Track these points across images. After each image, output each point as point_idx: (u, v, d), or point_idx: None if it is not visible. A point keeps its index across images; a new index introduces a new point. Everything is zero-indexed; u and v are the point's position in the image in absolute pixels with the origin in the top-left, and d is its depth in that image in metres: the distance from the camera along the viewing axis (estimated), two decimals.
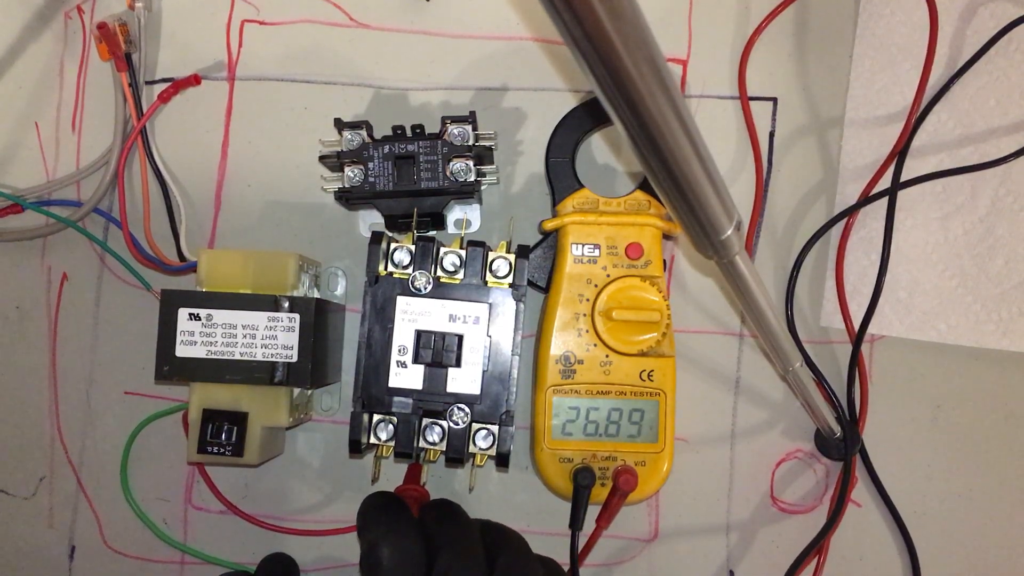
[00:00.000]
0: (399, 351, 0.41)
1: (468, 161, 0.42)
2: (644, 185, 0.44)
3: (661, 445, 0.42)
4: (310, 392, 0.45)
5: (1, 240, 0.47)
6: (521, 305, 0.41)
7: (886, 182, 0.46)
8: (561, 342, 0.43)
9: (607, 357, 0.43)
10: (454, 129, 0.42)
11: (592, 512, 0.42)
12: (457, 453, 0.40)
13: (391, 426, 0.40)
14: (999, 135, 0.46)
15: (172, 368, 0.40)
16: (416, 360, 0.41)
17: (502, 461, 0.40)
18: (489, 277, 0.41)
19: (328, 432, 0.46)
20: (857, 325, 0.45)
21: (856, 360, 0.46)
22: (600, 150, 0.47)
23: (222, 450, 0.40)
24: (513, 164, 0.47)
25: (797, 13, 0.48)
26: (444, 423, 0.40)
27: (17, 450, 0.47)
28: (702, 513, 0.46)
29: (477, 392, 0.41)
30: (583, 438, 0.43)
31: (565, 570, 0.40)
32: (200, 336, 0.40)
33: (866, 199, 0.46)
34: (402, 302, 0.41)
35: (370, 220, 0.47)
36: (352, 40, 0.48)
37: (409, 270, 0.41)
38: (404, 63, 0.47)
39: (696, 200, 0.28)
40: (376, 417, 0.40)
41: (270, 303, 0.40)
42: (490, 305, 0.41)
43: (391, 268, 0.41)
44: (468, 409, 0.40)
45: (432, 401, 0.41)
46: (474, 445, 0.41)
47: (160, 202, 0.46)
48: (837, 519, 0.44)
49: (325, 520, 0.46)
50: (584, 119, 0.45)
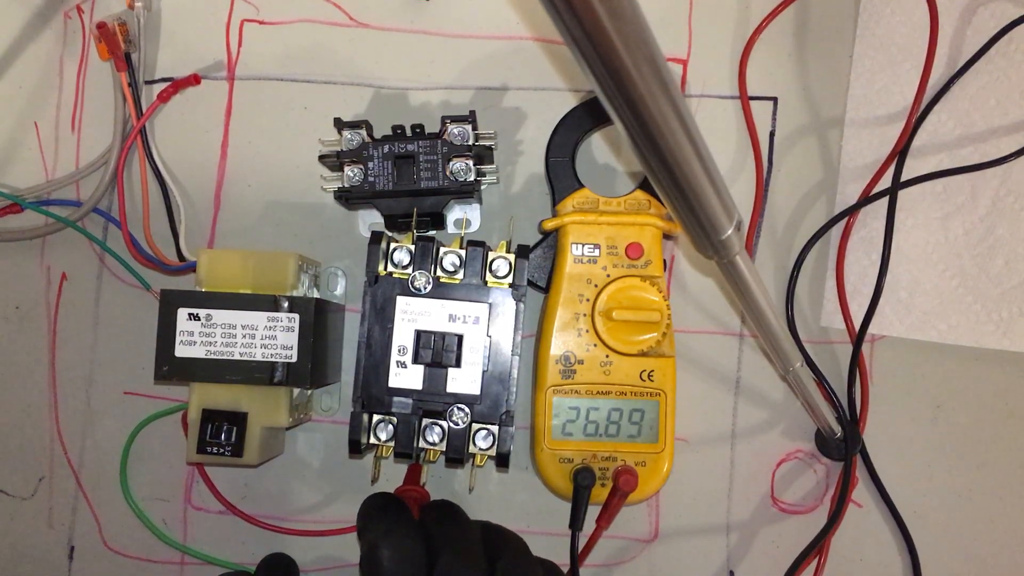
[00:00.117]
0: (399, 351, 0.41)
1: (468, 161, 0.42)
2: (644, 185, 0.44)
3: (661, 445, 0.42)
4: (310, 392, 0.45)
5: (1, 240, 0.47)
6: (521, 305, 0.41)
7: (886, 182, 0.46)
8: (561, 342, 0.43)
9: (607, 357, 0.43)
10: (454, 129, 0.42)
11: (592, 512, 0.42)
12: (457, 453, 0.40)
13: (391, 426, 0.40)
14: (999, 135, 0.46)
15: (172, 368, 0.40)
16: (416, 360, 0.41)
17: (502, 461, 0.40)
18: (489, 277, 0.41)
19: (328, 432, 0.46)
20: (857, 325, 0.45)
21: (856, 360, 0.46)
22: (600, 150, 0.47)
23: (222, 450, 0.40)
24: (513, 164, 0.47)
25: (797, 13, 0.48)
26: (444, 423, 0.40)
27: (17, 450, 0.47)
28: (702, 513, 0.46)
29: (477, 392, 0.41)
30: (583, 438, 0.43)
31: (565, 572, 0.40)
32: (200, 336, 0.40)
33: (866, 199, 0.46)
34: (402, 302, 0.41)
35: (370, 220, 0.47)
36: (352, 40, 0.48)
37: (409, 270, 0.41)
38: (404, 63, 0.47)
39: (696, 200, 0.28)
40: (376, 417, 0.40)
41: (270, 303, 0.40)
42: (490, 305, 0.41)
43: (391, 268, 0.41)
44: (468, 409, 0.40)
45: (432, 401, 0.41)
46: (474, 445, 0.41)
47: (160, 202, 0.46)
48: (837, 519, 0.44)
49: (325, 520, 0.46)
50: (584, 119, 0.44)
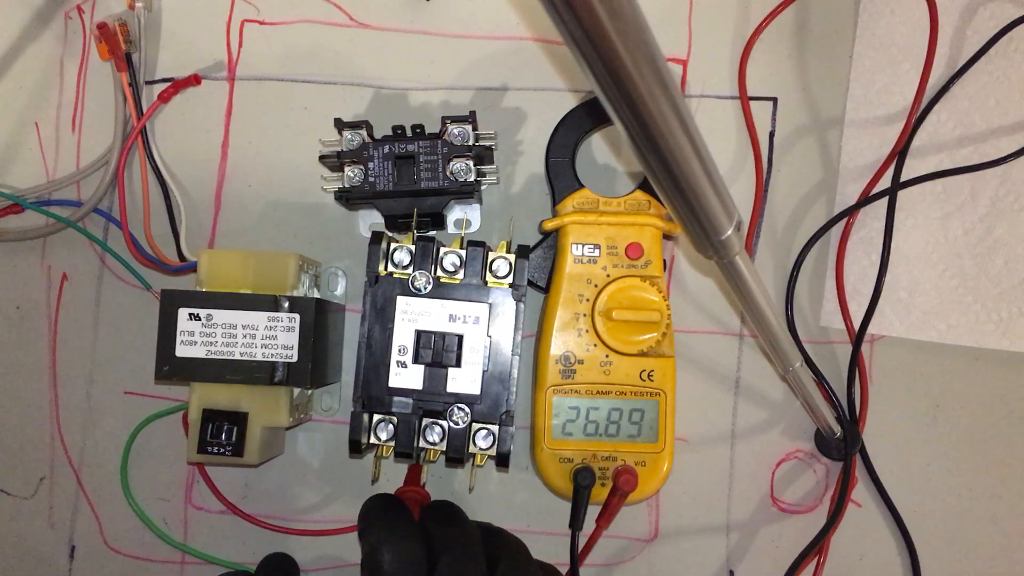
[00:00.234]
0: (399, 351, 0.41)
1: (468, 161, 0.42)
2: (644, 185, 0.44)
3: (661, 445, 0.42)
4: (310, 392, 0.45)
5: (1, 240, 0.47)
6: (521, 305, 0.41)
7: (886, 182, 0.46)
8: (561, 342, 0.43)
9: (607, 357, 0.43)
10: (454, 129, 0.42)
11: (592, 512, 0.42)
12: (457, 453, 0.40)
13: (391, 426, 0.40)
14: (999, 135, 0.46)
15: (172, 368, 0.40)
16: (416, 360, 0.41)
17: (502, 461, 0.40)
18: (489, 277, 0.41)
19: (328, 432, 0.46)
20: (857, 325, 0.45)
21: (856, 360, 0.46)
22: (600, 150, 0.47)
23: (222, 450, 0.40)
24: (513, 164, 0.47)
25: (797, 13, 0.48)
26: (444, 423, 0.40)
27: (17, 450, 0.47)
28: (702, 513, 0.46)
29: (477, 392, 0.41)
30: (583, 438, 0.43)
31: (564, 573, 0.40)
32: (200, 336, 0.40)
33: (866, 199, 0.46)
34: (402, 302, 0.41)
35: (370, 220, 0.47)
36: (352, 40, 0.48)
37: (409, 270, 0.41)
38: (404, 63, 0.47)
39: (696, 200, 0.28)
40: (376, 417, 0.40)
41: (270, 303, 0.40)
42: (490, 305, 0.41)
43: (391, 268, 0.41)
44: (468, 409, 0.40)
45: (432, 401, 0.41)
46: (474, 445, 0.41)
47: (160, 202, 0.46)
48: (837, 519, 0.44)
49: (325, 520, 0.46)
50: (584, 119, 0.44)
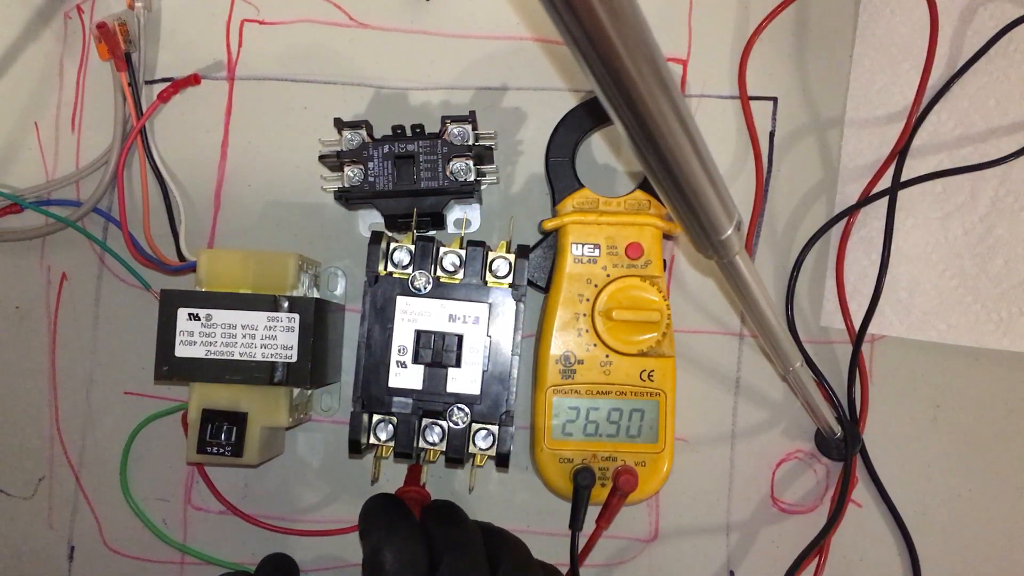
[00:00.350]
0: (399, 351, 0.41)
1: (468, 161, 0.42)
2: (644, 185, 0.44)
3: (661, 445, 0.42)
4: (310, 392, 0.45)
5: (1, 240, 0.47)
6: (521, 305, 0.41)
7: (886, 182, 0.46)
8: (561, 342, 0.43)
9: (607, 357, 0.43)
10: (454, 129, 0.42)
11: (592, 512, 0.42)
12: (457, 453, 0.40)
13: (391, 426, 0.40)
14: (999, 135, 0.46)
15: (172, 368, 0.40)
16: (416, 360, 0.41)
17: (502, 461, 0.40)
18: (489, 277, 0.41)
19: (328, 432, 0.46)
20: (857, 325, 0.45)
21: (856, 360, 0.46)
22: (600, 150, 0.47)
23: (222, 450, 0.40)
24: (513, 164, 0.47)
25: (797, 13, 0.48)
26: (444, 423, 0.40)
27: (17, 450, 0.47)
28: (702, 513, 0.46)
29: (477, 392, 0.41)
30: (583, 438, 0.43)
31: (564, 573, 0.40)
32: (200, 336, 0.40)
33: (866, 199, 0.46)
34: (402, 302, 0.41)
35: (370, 220, 0.47)
36: (352, 40, 0.48)
37: (409, 270, 0.41)
38: (404, 63, 0.47)
39: (696, 200, 0.28)
40: (376, 417, 0.40)
41: (270, 303, 0.40)
42: (490, 305, 0.41)
43: (391, 268, 0.41)
44: (468, 409, 0.40)
45: (432, 401, 0.41)
46: (474, 445, 0.40)
47: (160, 202, 0.46)
48: (837, 519, 0.44)
49: (325, 520, 0.46)
50: (584, 119, 0.44)
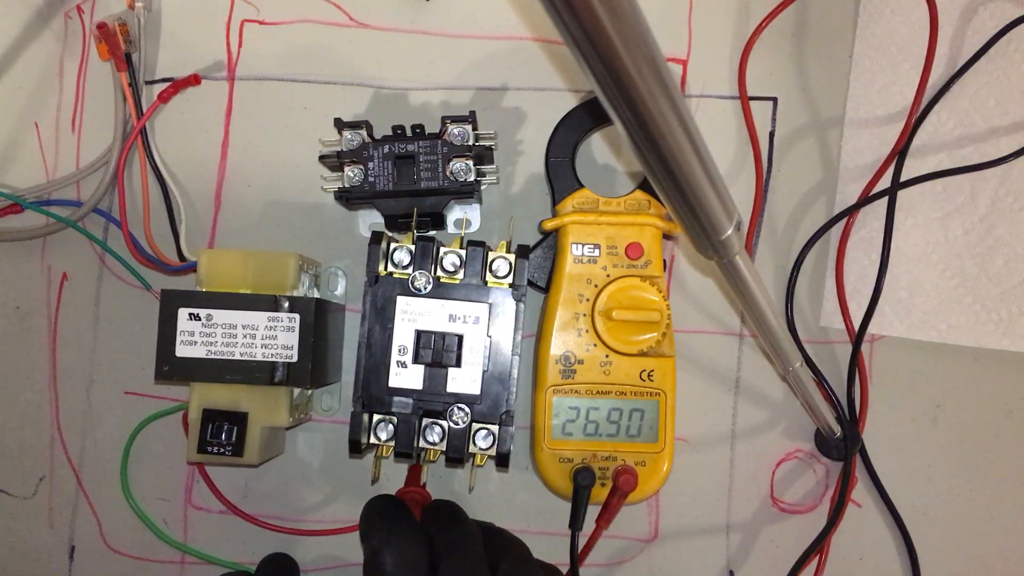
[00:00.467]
0: (399, 351, 0.41)
1: (468, 161, 0.42)
2: (644, 185, 0.44)
3: (661, 445, 0.42)
4: (310, 392, 0.45)
5: (1, 240, 0.47)
6: (521, 305, 0.41)
7: (886, 182, 0.46)
8: (561, 342, 0.43)
9: (607, 357, 0.43)
10: (454, 129, 0.42)
11: (592, 512, 0.42)
12: (457, 453, 0.40)
13: (391, 426, 0.40)
14: (999, 135, 0.46)
15: (172, 368, 0.40)
16: (416, 360, 0.41)
17: (502, 461, 0.40)
18: (489, 277, 0.41)
19: (328, 432, 0.46)
20: (857, 325, 0.45)
21: (856, 360, 0.46)
22: (600, 150, 0.47)
23: (222, 450, 0.40)
24: (513, 164, 0.47)
25: (797, 13, 0.48)
26: (444, 423, 0.40)
27: (17, 450, 0.47)
28: (702, 513, 0.46)
29: (477, 392, 0.41)
30: (583, 438, 0.43)
31: (564, 573, 0.40)
32: (200, 336, 0.40)
33: (866, 199, 0.46)
34: (402, 302, 0.41)
35: (370, 220, 0.47)
36: (352, 40, 0.48)
37: (409, 270, 0.41)
38: (404, 63, 0.47)
39: (696, 200, 0.28)
40: (376, 417, 0.40)
41: (270, 303, 0.40)
42: (490, 305, 0.41)
43: (391, 268, 0.41)
44: (468, 409, 0.40)
45: (432, 401, 0.41)
46: (474, 445, 0.41)
47: (160, 202, 0.46)
48: (837, 519, 0.44)
49: (325, 520, 0.46)
50: (584, 119, 0.44)
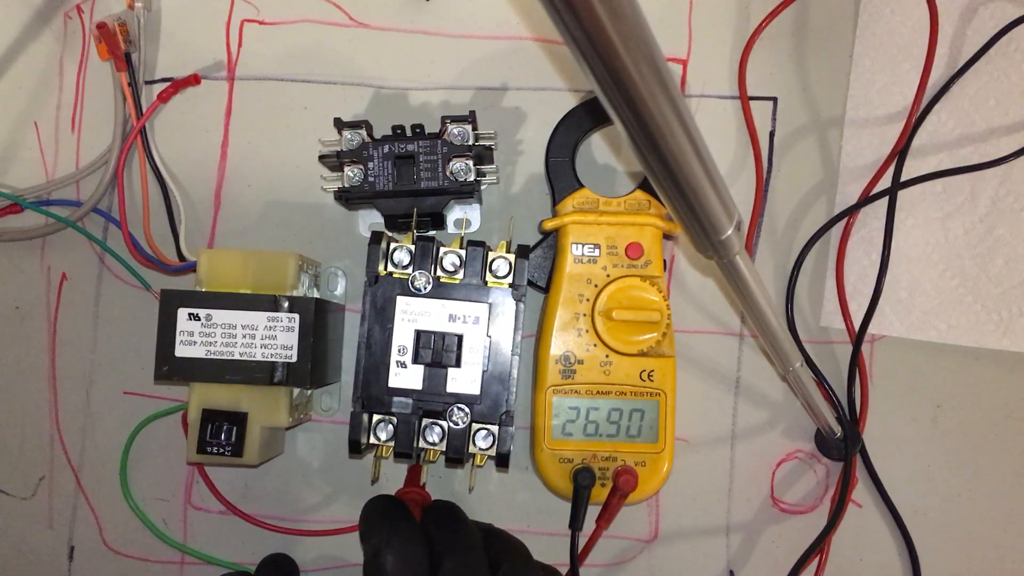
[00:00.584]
0: (399, 351, 0.41)
1: (468, 161, 0.42)
2: (644, 185, 0.44)
3: (661, 445, 0.42)
4: (310, 392, 0.45)
5: (1, 240, 0.47)
6: (521, 305, 0.41)
7: (886, 182, 0.46)
8: (561, 342, 0.43)
9: (607, 357, 0.43)
10: (454, 129, 0.42)
11: (592, 512, 0.42)
12: (457, 453, 0.40)
13: (391, 426, 0.40)
14: (999, 135, 0.46)
15: (172, 368, 0.40)
16: (416, 360, 0.41)
17: (502, 461, 0.40)
18: (489, 277, 0.41)
19: (328, 432, 0.46)
20: (857, 325, 0.45)
21: (856, 360, 0.46)
22: (600, 150, 0.47)
23: (222, 450, 0.40)
24: (513, 164, 0.47)
25: (797, 13, 0.48)
26: (444, 423, 0.40)
27: (17, 450, 0.47)
28: (702, 513, 0.46)
29: (477, 392, 0.41)
30: (583, 438, 0.43)
31: (564, 573, 0.40)
32: (200, 336, 0.40)
33: (866, 199, 0.46)
34: (402, 302, 0.41)
35: (370, 220, 0.47)
36: (352, 40, 0.48)
37: (409, 270, 0.41)
38: (404, 63, 0.47)
39: (696, 200, 0.28)
40: (376, 417, 0.40)
41: (270, 303, 0.40)
42: (490, 305, 0.41)
43: (391, 268, 0.41)
44: (468, 409, 0.40)
45: (432, 401, 0.41)
46: (474, 445, 0.41)
47: (160, 202, 0.46)
48: (838, 519, 0.44)
49: (325, 520, 0.46)
50: (584, 119, 0.44)
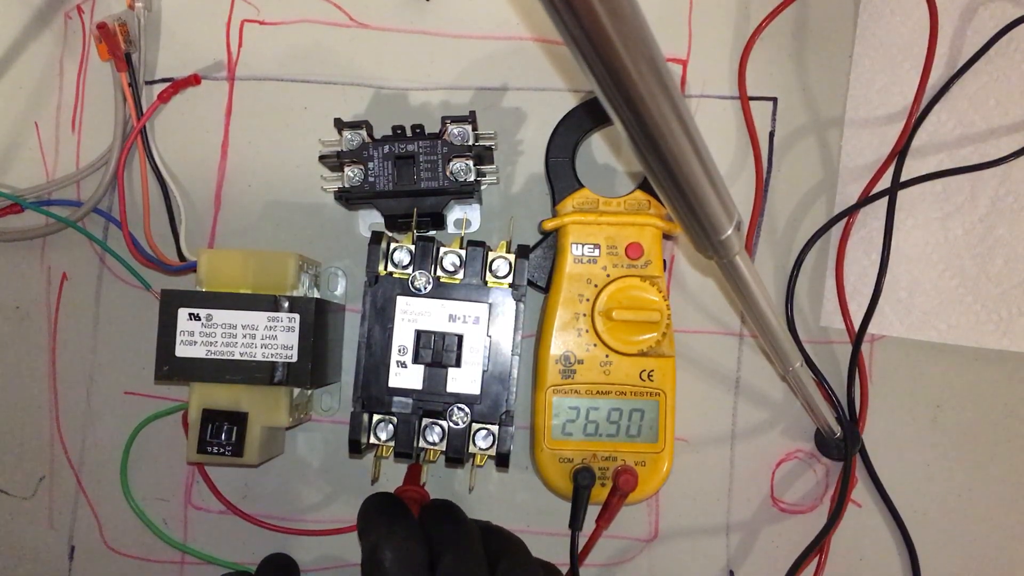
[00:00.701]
0: (399, 351, 0.41)
1: (468, 161, 0.42)
2: (644, 185, 0.44)
3: (661, 445, 0.42)
4: (310, 392, 0.45)
5: (1, 240, 0.47)
6: (521, 305, 0.41)
7: (886, 182, 0.46)
8: (561, 342, 0.43)
9: (607, 357, 0.43)
10: (454, 129, 0.42)
11: (592, 512, 0.42)
12: (457, 453, 0.40)
13: (391, 426, 0.40)
14: (999, 135, 0.46)
15: (172, 368, 0.40)
16: (416, 360, 0.41)
17: (502, 461, 0.40)
18: (489, 277, 0.41)
19: (328, 432, 0.46)
20: (857, 325, 0.45)
21: (856, 360, 0.46)
22: (600, 150, 0.47)
23: (222, 450, 0.40)
24: (513, 164, 0.47)
25: (797, 13, 0.48)
26: (444, 423, 0.40)
27: (17, 450, 0.47)
28: (702, 513, 0.46)
29: (477, 392, 0.41)
30: (583, 438, 0.43)
31: (564, 572, 0.40)
32: (200, 336, 0.40)
33: (866, 199, 0.46)
34: (402, 302, 0.41)
35: (370, 220, 0.47)
36: (352, 40, 0.48)
37: (409, 270, 0.41)
38: (404, 63, 0.47)
39: (696, 200, 0.28)
40: (376, 417, 0.40)
41: (270, 303, 0.40)
42: (490, 305, 0.41)
43: (391, 268, 0.41)
44: (468, 409, 0.40)
45: (432, 401, 0.41)
46: (474, 445, 0.41)
47: (160, 202, 0.46)
48: (837, 519, 0.44)
49: (325, 520, 0.46)
50: (584, 119, 0.45)
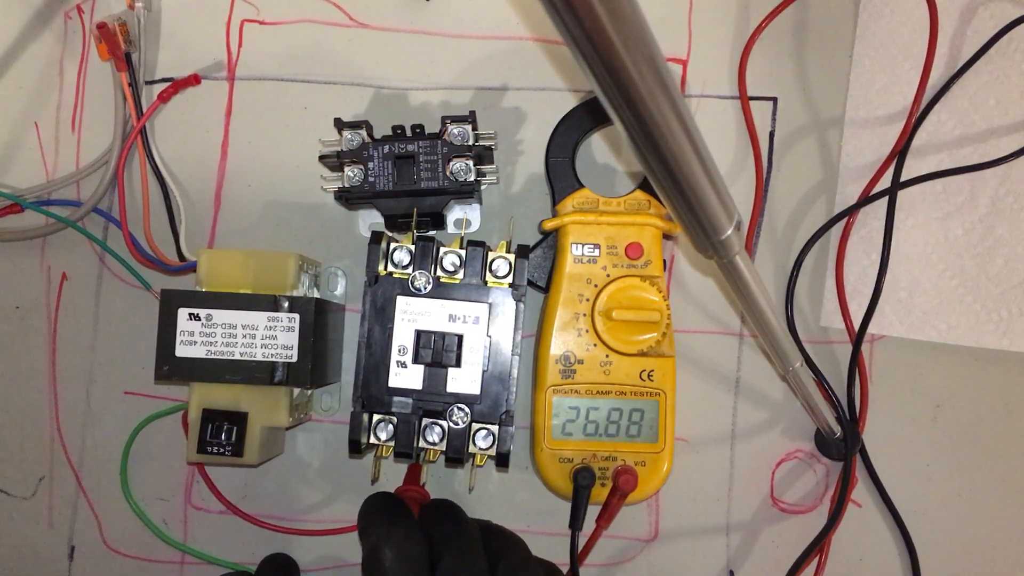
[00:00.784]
0: (399, 351, 0.41)
1: (468, 161, 0.42)
2: (644, 185, 0.44)
3: (661, 445, 0.42)
4: (310, 392, 0.45)
5: (1, 240, 0.47)
6: (521, 305, 0.41)
7: (886, 182, 0.46)
8: (561, 342, 0.43)
9: (607, 357, 0.43)
10: (454, 129, 0.42)
11: (592, 512, 0.42)
12: (457, 453, 0.40)
13: (391, 426, 0.40)
14: (999, 135, 0.46)
15: (172, 368, 0.40)
16: (416, 360, 0.41)
17: (502, 461, 0.40)
18: (489, 277, 0.41)
19: (328, 432, 0.46)
20: (857, 325, 0.45)
21: (856, 360, 0.46)
22: (600, 150, 0.47)
23: (222, 450, 0.40)
24: (513, 164, 0.47)
25: (797, 13, 0.48)
26: (444, 423, 0.40)
27: (17, 450, 0.47)
28: (702, 513, 0.46)
29: (477, 392, 0.41)
30: (583, 438, 0.43)
31: (564, 572, 0.40)
32: (200, 336, 0.40)
33: (866, 199, 0.46)
34: (402, 302, 0.41)
35: (370, 220, 0.47)
36: (352, 40, 0.48)
37: (409, 270, 0.41)
38: (404, 63, 0.47)
39: (696, 200, 0.28)
40: (376, 417, 0.40)
41: (270, 303, 0.40)
42: (490, 305, 0.41)
43: (391, 268, 0.41)
44: (468, 409, 0.40)
45: (432, 401, 0.41)
46: (474, 445, 0.41)
47: (160, 202, 0.46)
48: (837, 519, 0.44)
49: (325, 520, 0.46)
50: (584, 119, 0.45)
